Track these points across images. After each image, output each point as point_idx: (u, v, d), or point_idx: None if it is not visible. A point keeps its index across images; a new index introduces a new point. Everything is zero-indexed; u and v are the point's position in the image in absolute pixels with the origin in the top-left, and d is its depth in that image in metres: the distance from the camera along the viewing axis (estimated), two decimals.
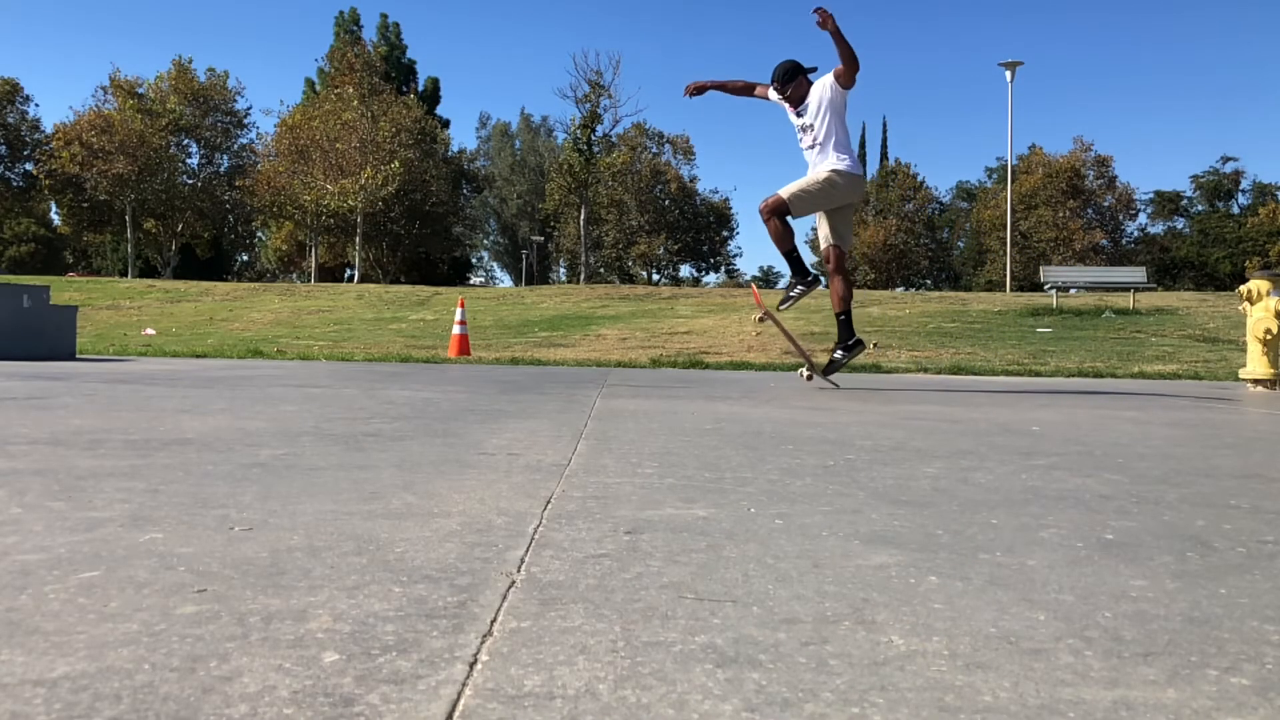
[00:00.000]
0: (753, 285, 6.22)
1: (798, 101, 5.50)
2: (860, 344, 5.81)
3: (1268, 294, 7.18)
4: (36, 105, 70.58)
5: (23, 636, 0.87)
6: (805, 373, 6.12)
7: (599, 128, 39.41)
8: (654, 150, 54.22)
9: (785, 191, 5.45)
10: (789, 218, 5.52)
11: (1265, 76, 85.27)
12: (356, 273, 42.64)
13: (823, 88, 5.43)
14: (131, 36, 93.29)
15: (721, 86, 5.86)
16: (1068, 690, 0.81)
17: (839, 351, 5.78)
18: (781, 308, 5.91)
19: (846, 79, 5.35)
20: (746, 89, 5.81)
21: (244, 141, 46.10)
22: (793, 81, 5.48)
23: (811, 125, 5.46)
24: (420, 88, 50.72)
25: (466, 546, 1.28)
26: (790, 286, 5.72)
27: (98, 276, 36.78)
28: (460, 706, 0.74)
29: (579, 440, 2.62)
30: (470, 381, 5.73)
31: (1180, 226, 54.84)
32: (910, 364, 9.84)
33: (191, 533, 1.33)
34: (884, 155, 59.04)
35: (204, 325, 15.62)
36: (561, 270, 59.67)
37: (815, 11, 5.12)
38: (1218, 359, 10.53)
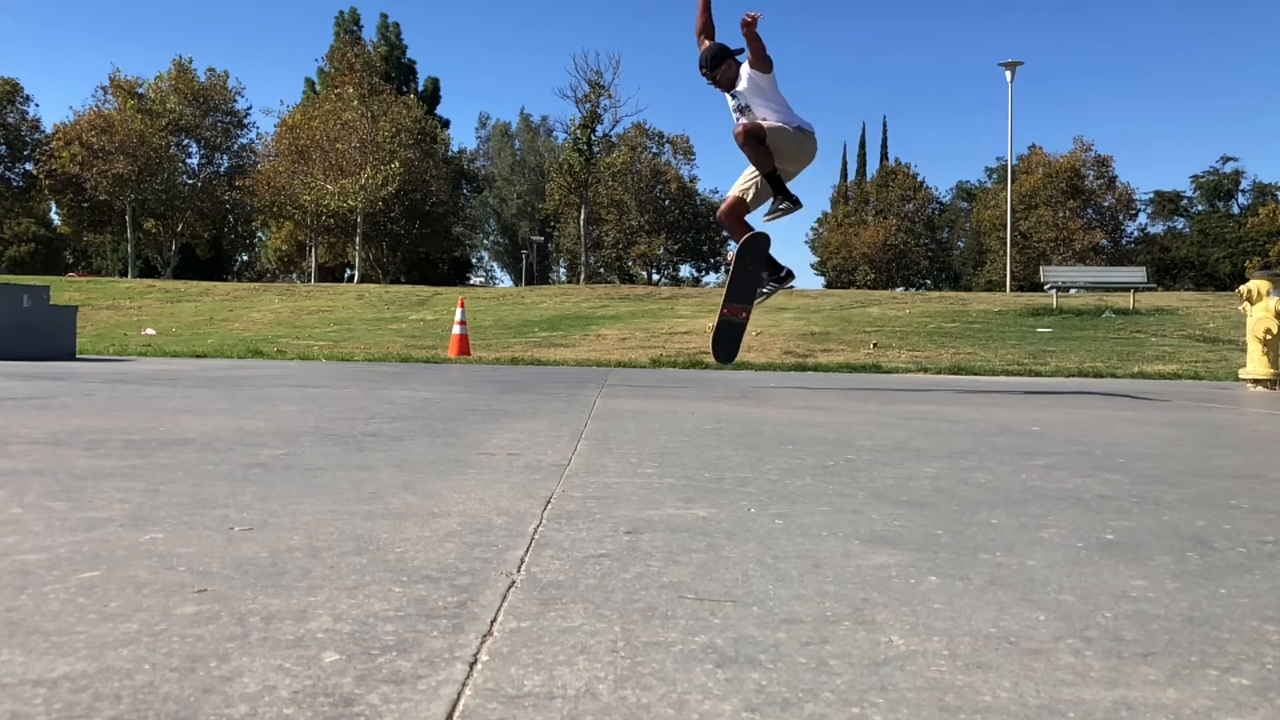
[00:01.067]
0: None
1: (728, 85, 5.56)
2: (789, 274, 5.94)
3: (1268, 294, 7.18)
4: (36, 105, 70.55)
5: (23, 636, 0.87)
6: (711, 325, 6.13)
7: (599, 128, 39.43)
8: (654, 150, 54.20)
9: (765, 123, 5.52)
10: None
11: (1266, 76, 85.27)
12: (356, 273, 42.65)
13: (748, 72, 5.52)
14: (131, 36, 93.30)
15: (706, 8, 5.85)
16: (1068, 690, 0.81)
17: (770, 284, 5.92)
18: (766, 218, 5.95)
19: (765, 66, 5.48)
20: (706, 27, 5.80)
21: (244, 141, 46.14)
22: (721, 65, 5.53)
23: (747, 106, 5.58)
24: (420, 88, 50.69)
25: (466, 546, 1.28)
26: (779, 200, 5.76)
27: (98, 276, 36.78)
28: (460, 706, 0.74)
29: (579, 440, 2.62)
30: (470, 381, 5.73)
31: (1180, 226, 54.82)
32: (910, 364, 9.84)
33: (191, 533, 1.33)
34: (884, 155, 59.01)
35: (204, 325, 15.62)
36: (561, 270, 59.68)
37: (748, 15, 5.24)
38: (1218, 359, 10.53)
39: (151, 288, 23.22)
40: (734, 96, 5.59)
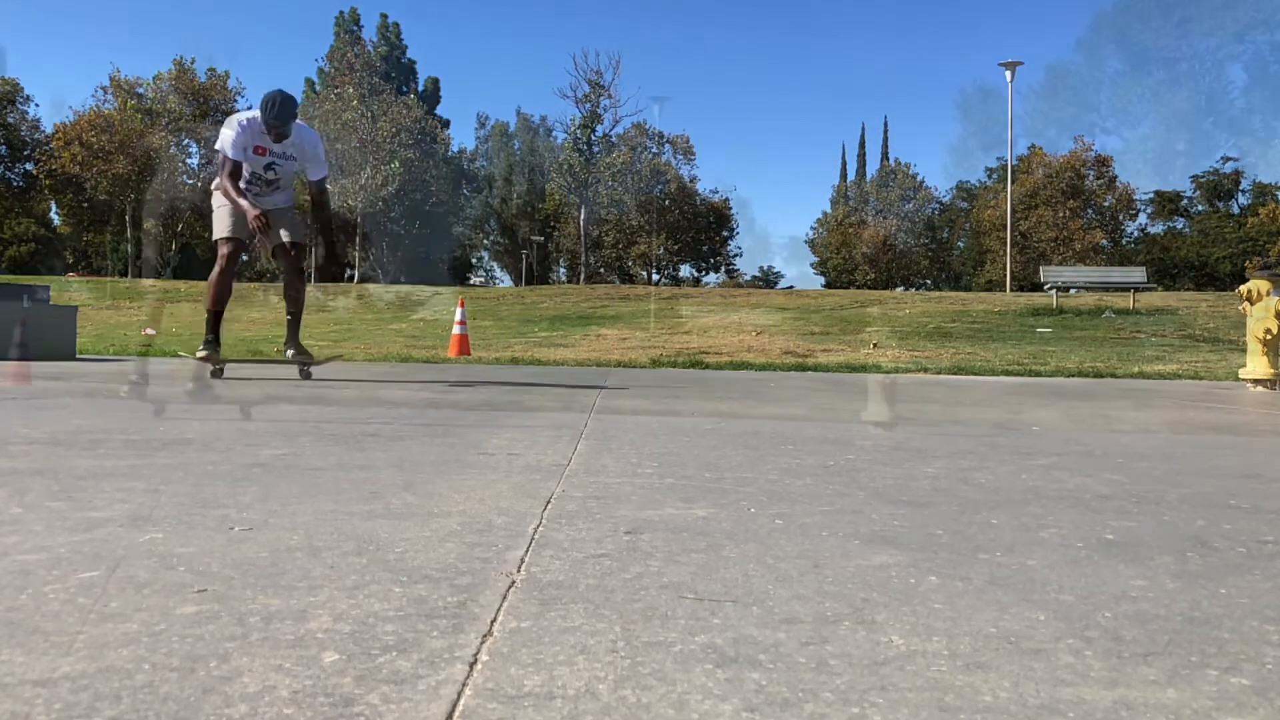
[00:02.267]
0: None
1: (281, 138, 5.10)
2: (307, 359, 5.72)
3: (1268, 294, 7.18)
4: (36, 105, 70.48)
5: (23, 636, 0.87)
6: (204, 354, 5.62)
7: (599, 128, 39.47)
8: (654, 150, 54.16)
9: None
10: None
11: (1266, 76, 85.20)
12: (356, 273, 42.66)
13: (304, 157, 5.28)
14: (131, 36, 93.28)
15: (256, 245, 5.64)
16: (1068, 690, 0.81)
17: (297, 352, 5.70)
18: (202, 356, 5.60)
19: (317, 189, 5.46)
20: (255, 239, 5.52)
21: None
22: (292, 120, 5.07)
23: (278, 176, 5.32)
24: (420, 88, 50.74)
25: (466, 546, 1.28)
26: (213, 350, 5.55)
27: (98, 276, 36.76)
28: (460, 706, 0.74)
29: (579, 440, 2.62)
30: (470, 381, 5.72)
31: (1180, 226, 54.79)
32: (910, 364, 9.84)
33: (191, 533, 1.33)
34: (884, 155, 59.07)
35: (204, 325, 15.60)
36: (561, 270, 59.67)
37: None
38: (1218, 359, 10.53)
39: (152, 288, 23.21)
40: (276, 153, 5.17)
